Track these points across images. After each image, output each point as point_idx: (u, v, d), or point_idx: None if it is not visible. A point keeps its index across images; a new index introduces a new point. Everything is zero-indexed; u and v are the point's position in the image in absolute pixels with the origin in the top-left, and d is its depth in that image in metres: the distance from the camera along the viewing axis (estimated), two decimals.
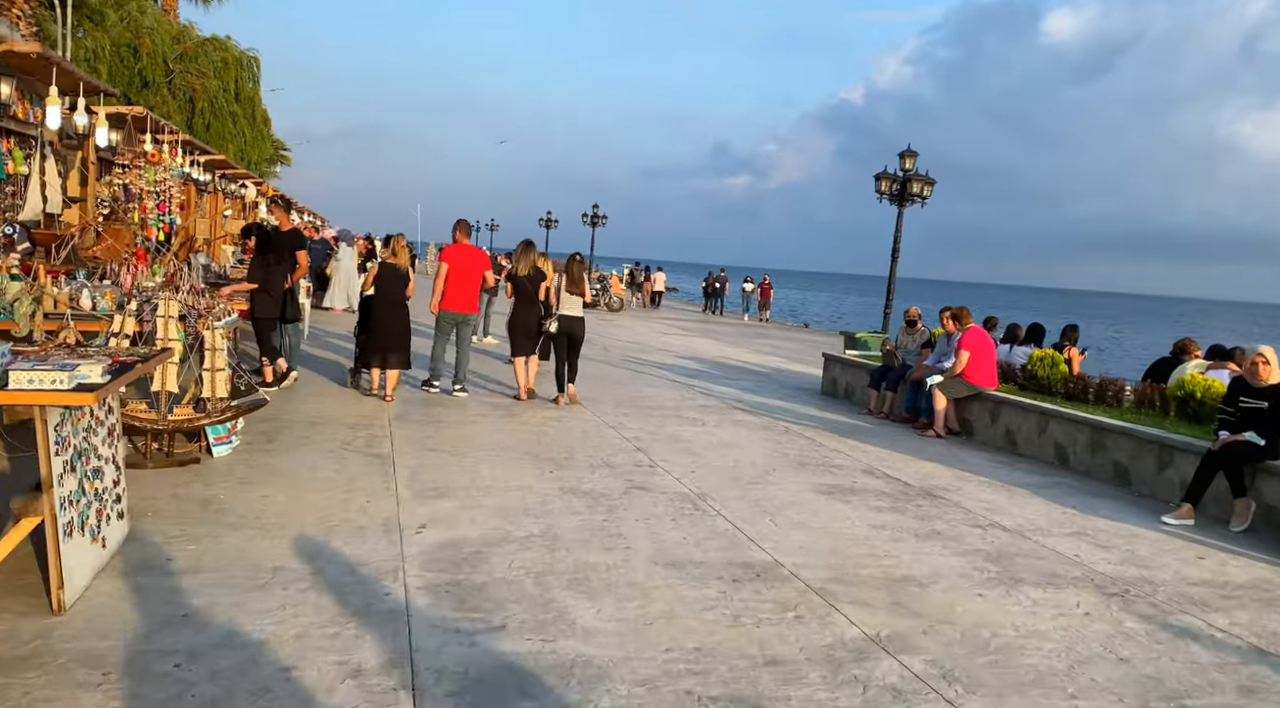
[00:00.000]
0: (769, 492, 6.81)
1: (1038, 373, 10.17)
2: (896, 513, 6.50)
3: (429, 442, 7.62)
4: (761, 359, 18.31)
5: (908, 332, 11.52)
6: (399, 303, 9.96)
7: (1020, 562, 5.58)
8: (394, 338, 9.79)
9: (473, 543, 5.07)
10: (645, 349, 18.13)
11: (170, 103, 27.61)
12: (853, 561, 5.32)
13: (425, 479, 6.38)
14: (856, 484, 7.32)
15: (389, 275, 10.11)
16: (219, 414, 6.30)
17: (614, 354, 16.46)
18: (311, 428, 7.73)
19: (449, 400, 9.79)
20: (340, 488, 5.97)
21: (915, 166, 15.27)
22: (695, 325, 28.32)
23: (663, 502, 6.27)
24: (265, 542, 4.81)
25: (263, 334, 9.28)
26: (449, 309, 10.29)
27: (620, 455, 7.69)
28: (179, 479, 5.85)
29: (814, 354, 20.88)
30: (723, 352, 19.23)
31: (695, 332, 25.29)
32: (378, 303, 9.99)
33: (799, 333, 30.68)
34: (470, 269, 10.37)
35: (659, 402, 10.96)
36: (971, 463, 8.67)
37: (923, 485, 7.48)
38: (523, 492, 6.24)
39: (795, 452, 8.48)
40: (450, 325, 10.37)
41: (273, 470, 6.24)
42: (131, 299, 6.25)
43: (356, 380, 10.53)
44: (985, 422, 9.94)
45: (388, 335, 9.80)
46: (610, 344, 18.49)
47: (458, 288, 10.26)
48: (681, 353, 18.05)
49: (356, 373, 10.62)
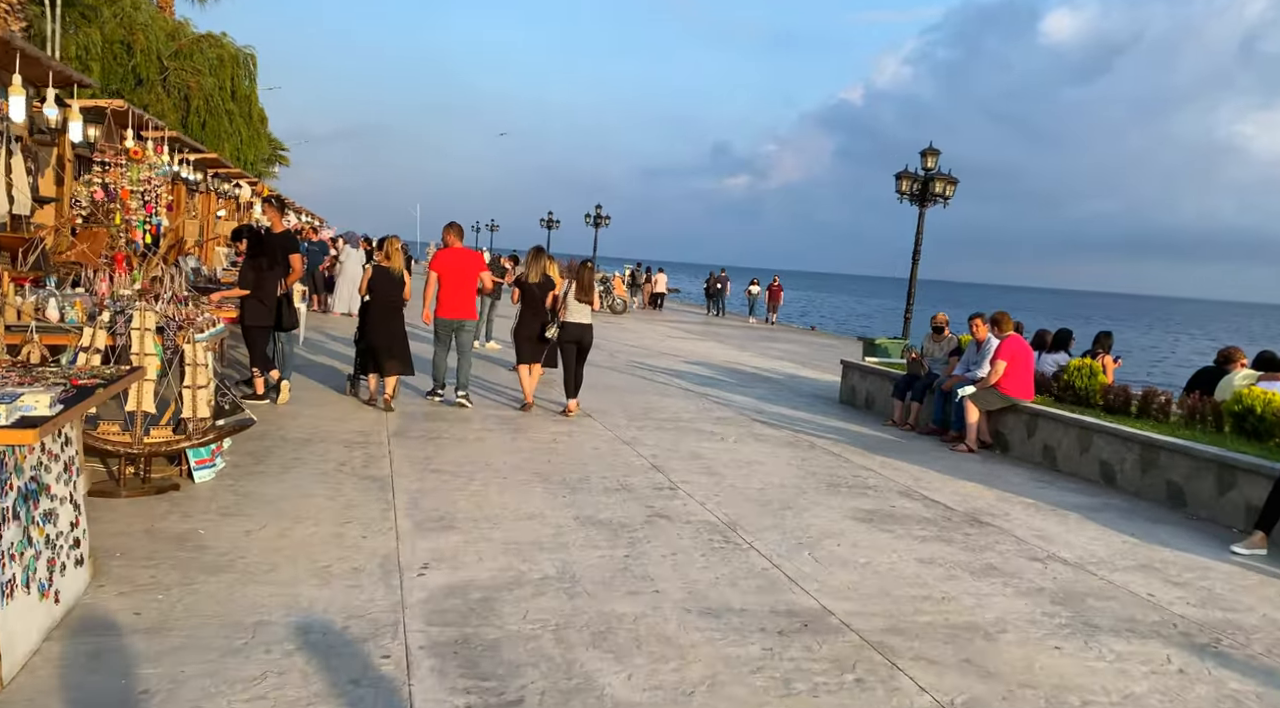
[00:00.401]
0: (803, 519, 6.24)
1: (1075, 383, 9.60)
2: (944, 544, 5.92)
3: (431, 462, 7.05)
4: (773, 364, 17.75)
5: (934, 338, 10.95)
6: (394, 307, 9.50)
7: (1091, 604, 5.00)
8: (390, 343, 9.36)
9: (482, 587, 4.50)
10: (653, 354, 17.57)
11: (165, 101, 27.04)
12: (908, 604, 4.74)
13: (427, 507, 5.80)
14: (895, 509, 6.75)
15: (382, 279, 9.63)
16: (200, 436, 5.72)
17: (621, 360, 15.89)
18: (304, 447, 7.16)
19: (451, 414, 9.22)
20: (334, 518, 5.40)
21: (937, 165, 14.68)
22: (701, 328, 27.75)
23: (689, 533, 5.70)
24: (247, 589, 4.23)
25: (254, 343, 8.71)
26: (443, 316, 9.83)
27: (638, 476, 7.11)
28: (155, 510, 5.27)
29: (824, 358, 20.33)
30: (733, 356, 18.66)
31: (702, 335, 24.72)
32: (372, 308, 9.57)
33: (806, 336, 30.08)
34: (463, 273, 9.90)
35: (673, 413, 10.38)
36: (1012, 482, 8.09)
37: (966, 510, 6.90)
38: (535, 522, 5.67)
39: (824, 471, 7.91)
40: (448, 333, 9.92)
41: (260, 498, 5.67)
42: (103, 310, 5.68)
43: (356, 388, 10.07)
44: (1021, 435, 9.36)
45: (382, 341, 9.39)
46: (616, 349, 17.91)
47: (451, 294, 9.79)
48: (691, 358, 17.48)
49: (355, 380, 10.16)
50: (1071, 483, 8.25)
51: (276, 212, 9.09)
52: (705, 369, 15.61)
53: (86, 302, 5.94)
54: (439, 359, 10.13)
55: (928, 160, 14.60)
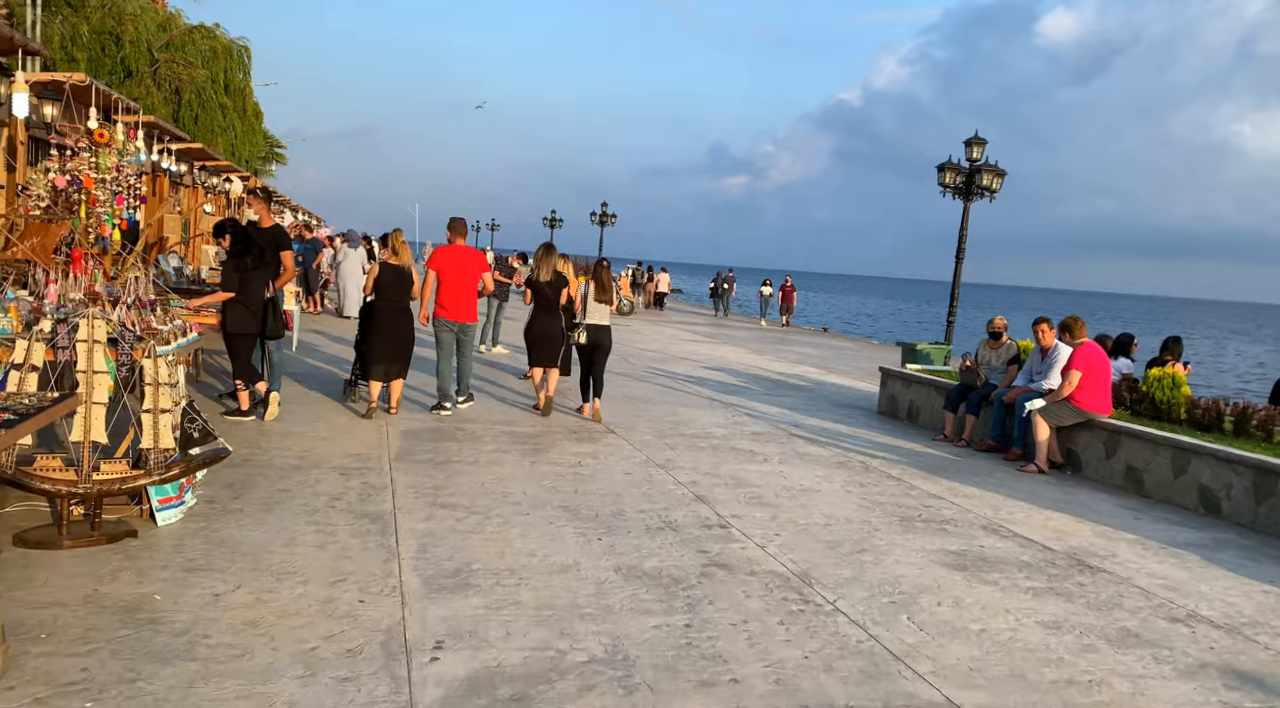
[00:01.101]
0: (886, 567, 5.23)
1: (1155, 395, 8.61)
2: (1060, 598, 4.92)
3: (441, 493, 6.04)
4: (795, 369, 16.74)
5: (991, 345, 9.94)
6: (403, 308, 8.74)
7: (1273, 686, 4.00)
8: (399, 348, 8.66)
9: (512, 677, 3.49)
10: (669, 359, 16.56)
11: (155, 94, 26.03)
12: (1052, 694, 3.74)
13: (439, 556, 4.80)
14: (986, 550, 5.74)
15: (391, 277, 8.75)
16: (163, 471, 4.72)
17: (637, 366, 14.89)
18: (292, 475, 6.15)
19: (460, 431, 8.21)
20: (325, 574, 4.39)
21: (984, 155, 13.60)
22: (710, 330, 26.74)
23: (757, 589, 4.69)
24: (209, 687, 3.23)
25: (238, 352, 7.70)
26: (443, 317, 9.13)
27: (680, 510, 6.11)
28: (103, 566, 4.27)
29: (845, 363, 19.33)
30: (751, 360, 17.65)
31: (714, 337, 23.72)
32: (380, 309, 8.72)
33: (820, 338, 29.05)
34: (464, 273, 9.08)
35: (705, 428, 9.37)
36: (1101, 512, 7.09)
37: (1066, 550, 5.90)
38: (569, 576, 4.66)
39: (889, 500, 6.91)
40: (449, 335, 9.19)
41: (235, 547, 4.66)
42: (43, 318, 4.67)
43: (354, 393, 9.26)
44: (1097, 454, 8.36)
45: (391, 345, 8.62)
46: (630, 354, 16.93)
47: (452, 294, 9.07)
48: (708, 363, 16.48)
49: (353, 385, 9.34)
50: (1168, 513, 7.25)
51: (263, 204, 8.08)
52: (727, 375, 14.61)
53: (23, 308, 4.94)
54: (444, 368, 9.20)
55: (973, 150, 13.52)
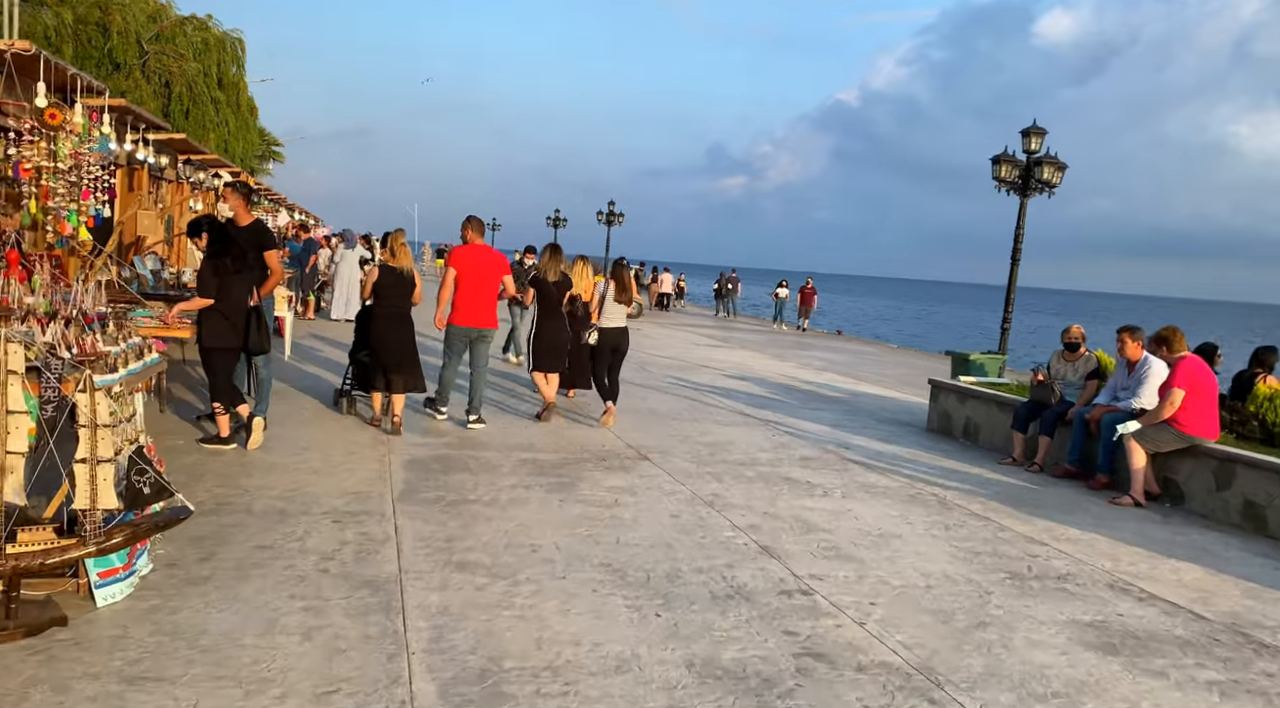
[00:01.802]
0: (1020, 652, 4.15)
1: (1266, 417, 7.54)
2: (1257, 699, 3.85)
3: (455, 547, 4.97)
4: (823, 378, 15.66)
5: (1066, 357, 8.87)
6: (403, 314, 8.12)
7: None
8: (399, 355, 7.99)
9: None
10: (688, 366, 15.47)
11: (144, 87, 24.96)
12: None
13: (459, 646, 3.72)
14: (1128, 621, 4.67)
15: (391, 281, 8.00)
16: (100, 541, 3.64)
17: (656, 375, 13.82)
18: (276, 525, 5.07)
19: (474, 461, 7.13)
20: (312, 682, 3.32)
21: (1044, 146, 12.46)
22: (723, 333, 25.65)
23: (873, 692, 3.61)
24: None
25: (215, 370, 6.63)
26: (461, 324, 8.39)
27: (746, 566, 5.03)
28: (8, 679, 3.19)
29: (869, 368, 18.25)
30: (774, 367, 16.57)
31: (729, 341, 22.64)
32: (378, 315, 8.10)
33: (835, 341, 28.00)
34: (485, 275, 8.38)
35: (747, 452, 8.30)
36: (1232, 560, 6.02)
37: (1222, 618, 4.83)
38: (629, 677, 3.58)
39: (984, 547, 5.83)
40: (463, 343, 8.47)
41: (194, 640, 3.58)
42: None
43: (351, 406, 8.57)
44: (1205, 485, 7.29)
45: (391, 353, 7.99)
46: (646, 360, 15.88)
47: (471, 298, 8.34)
48: (731, 370, 15.40)
49: (345, 396, 8.56)
50: None
51: (241, 199, 7.01)
52: (753, 385, 13.53)
53: None
54: (448, 374, 8.59)
55: (1031, 141, 12.42)
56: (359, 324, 8.73)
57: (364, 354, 8.50)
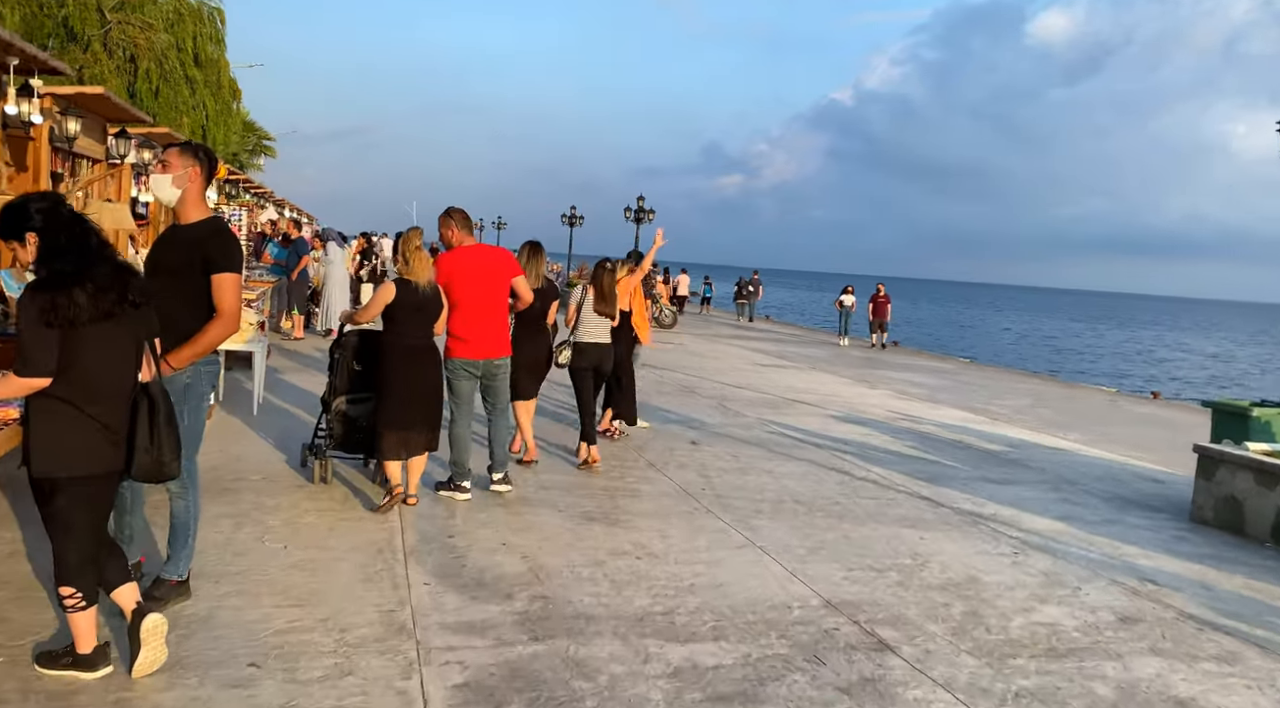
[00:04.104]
0: None
1: None
2: None
3: None
4: (947, 415, 12.26)
5: None
6: (425, 348, 5.79)
7: None
8: (423, 407, 5.74)
9: None
10: (772, 402, 12.05)
11: (105, 62, 21.52)
12: None
13: None
14: None
15: (409, 303, 5.65)
16: None
17: (742, 416, 10.49)
18: None
19: (578, 673, 3.73)
20: None
21: None
22: (776, 346, 22.20)
23: None
24: None
25: (68, 525, 3.20)
26: (463, 355, 6.12)
27: None
28: None
29: (983, 398, 14.85)
30: (881, 402, 13.15)
31: (792, 359, 19.21)
32: (393, 349, 5.72)
33: (901, 356, 24.30)
34: (488, 284, 6.16)
35: (1018, 605, 4.92)
36: None
37: None
38: None
39: None
40: (471, 384, 6.21)
41: None
42: None
43: (323, 470, 6.14)
44: None
45: (413, 404, 5.68)
46: (693, 384, 12.62)
47: (473, 319, 6.09)
48: (831, 406, 12.02)
49: (318, 454, 6.17)
50: None
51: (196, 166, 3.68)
52: (876, 433, 10.16)
53: None
54: (460, 430, 6.15)
55: None
56: (335, 355, 6.12)
57: (349, 401, 5.97)
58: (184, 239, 3.69)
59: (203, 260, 3.62)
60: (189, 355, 3.62)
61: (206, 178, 3.79)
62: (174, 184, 3.71)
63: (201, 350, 3.65)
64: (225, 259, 3.65)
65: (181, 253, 3.69)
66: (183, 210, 3.75)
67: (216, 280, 3.63)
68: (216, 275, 3.62)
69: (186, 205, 3.74)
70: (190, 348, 3.61)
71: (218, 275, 3.63)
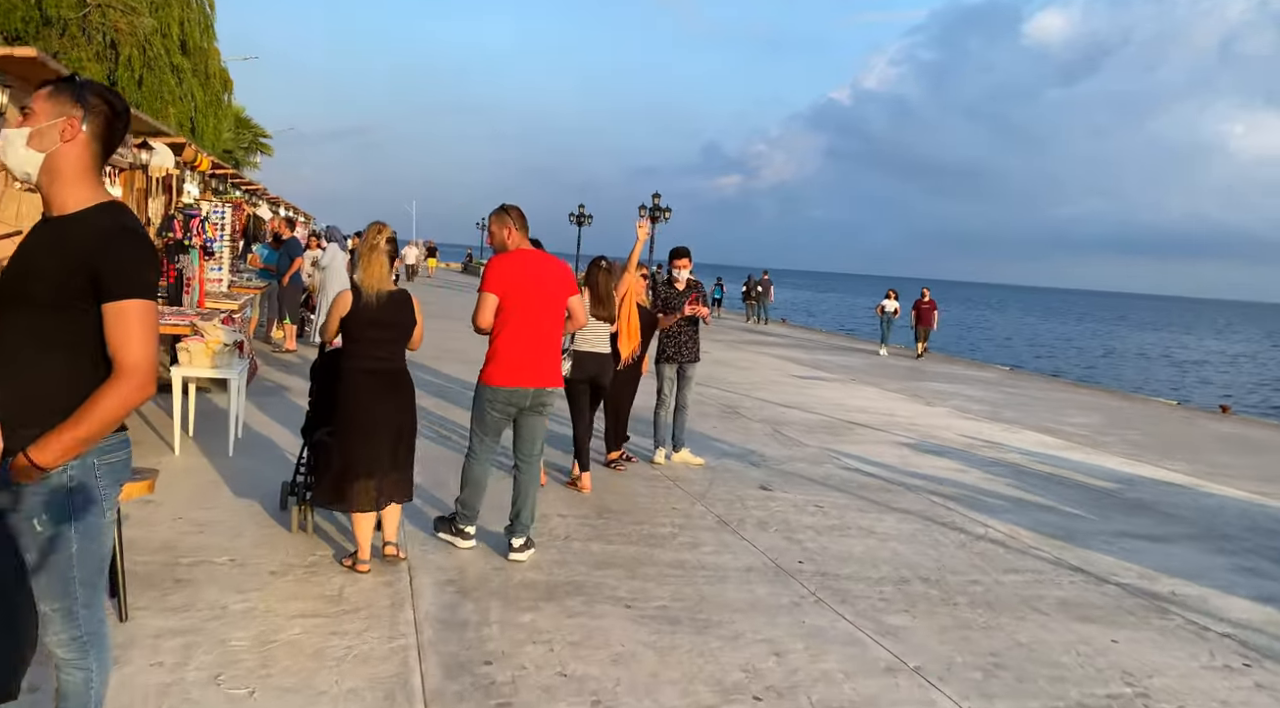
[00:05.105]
0: None
1: None
2: None
3: None
4: (1024, 440, 10.75)
5: None
6: (392, 372, 4.67)
7: None
8: (392, 445, 4.62)
9: None
10: (828, 425, 10.54)
11: (83, 48, 19.95)
12: None
13: None
14: None
15: (367, 316, 4.54)
16: None
17: (760, 430, 9.07)
18: None
19: None
20: None
21: None
22: (807, 355, 20.69)
23: None
24: None
25: None
26: (503, 383, 4.89)
27: None
28: None
29: (1050, 414, 13.34)
30: (948, 424, 11.62)
31: (830, 369, 17.70)
32: (351, 374, 4.61)
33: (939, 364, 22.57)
34: (548, 299, 4.99)
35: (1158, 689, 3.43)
36: None
37: None
38: None
39: None
40: (505, 416, 4.99)
41: None
42: None
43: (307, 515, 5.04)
44: None
45: (379, 440, 4.56)
46: (735, 402, 11.18)
47: (522, 338, 4.90)
48: (871, 421, 10.55)
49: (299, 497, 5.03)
50: None
51: (72, 105, 2.19)
52: (947, 460, 8.70)
53: None
54: (477, 468, 5.01)
55: None
56: (315, 380, 5.09)
57: (328, 432, 4.80)
58: (56, 242, 2.18)
59: (89, 280, 2.12)
60: (70, 444, 2.12)
61: (104, 139, 2.27)
62: (31, 143, 2.20)
63: (89, 433, 2.14)
64: (127, 277, 2.14)
65: (49, 267, 2.18)
66: (54, 191, 2.23)
67: (114, 313, 2.13)
68: (113, 305, 2.12)
69: (60, 182, 2.23)
70: (71, 431, 2.11)
71: (115, 305, 2.12)
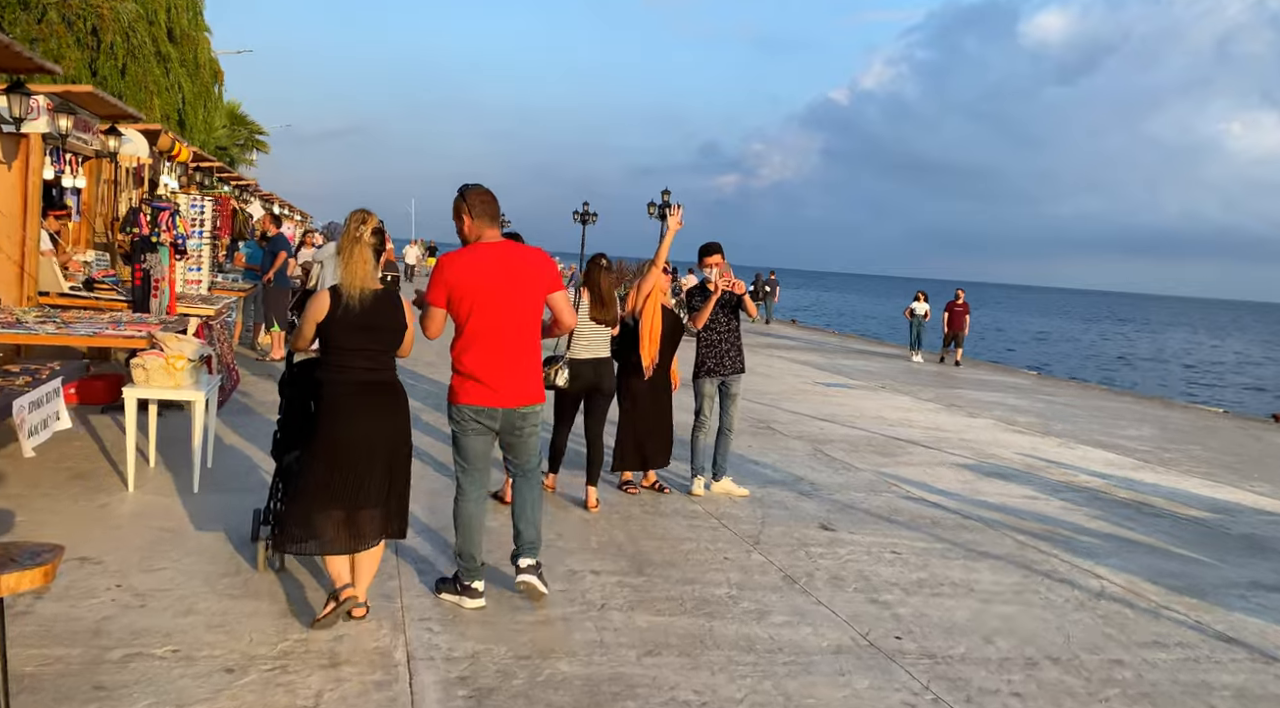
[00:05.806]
0: None
1: None
2: None
3: None
4: (1083, 458, 9.70)
5: None
6: (380, 385, 3.90)
7: None
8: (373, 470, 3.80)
9: None
10: (876, 444, 9.47)
11: (63, 34, 18.91)
12: None
13: None
14: None
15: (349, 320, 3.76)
16: None
17: (801, 449, 8.10)
18: None
19: None
20: None
21: None
22: (827, 360, 19.60)
23: None
24: None
25: None
26: (474, 401, 4.08)
27: None
28: None
29: (1102, 426, 12.27)
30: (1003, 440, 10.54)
31: (855, 376, 16.63)
32: (330, 388, 3.84)
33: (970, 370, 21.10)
34: (514, 298, 4.09)
35: None
36: None
37: None
38: None
39: None
40: (484, 439, 4.18)
41: None
42: None
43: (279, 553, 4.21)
44: None
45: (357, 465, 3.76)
46: (765, 415, 10.33)
47: (491, 347, 4.06)
48: (918, 437, 9.55)
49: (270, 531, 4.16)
50: None
51: None
52: (1016, 485, 7.65)
53: None
54: (470, 508, 4.19)
55: None
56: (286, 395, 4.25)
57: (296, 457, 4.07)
58: None
59: None
60: None
61: None
62: None
63: None
64: None
65: None
66: None
67: None
68: None
69: None
70: None
71: None
